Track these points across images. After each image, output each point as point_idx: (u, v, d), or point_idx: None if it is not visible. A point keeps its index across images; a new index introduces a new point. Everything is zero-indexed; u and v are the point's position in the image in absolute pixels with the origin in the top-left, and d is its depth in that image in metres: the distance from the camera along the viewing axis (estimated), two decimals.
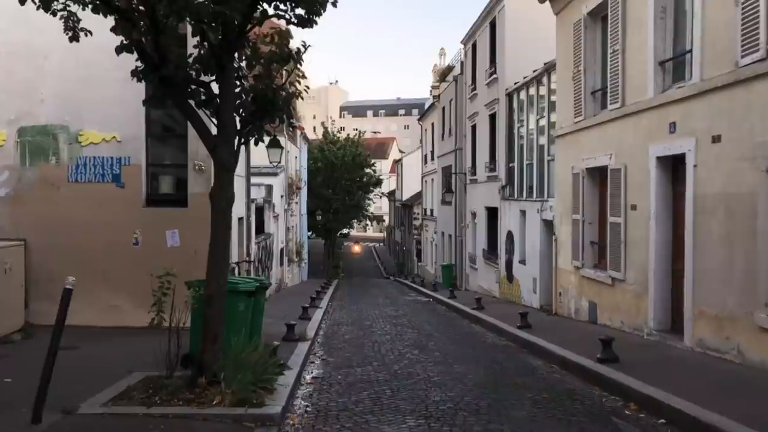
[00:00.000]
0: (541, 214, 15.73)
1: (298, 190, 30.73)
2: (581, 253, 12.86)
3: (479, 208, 22.92)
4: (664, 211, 9.77)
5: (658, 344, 9.46)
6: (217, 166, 6.53)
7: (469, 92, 24.74)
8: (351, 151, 43.70)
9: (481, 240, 22.58)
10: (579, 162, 12.96)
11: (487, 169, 21.55)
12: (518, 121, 18.52)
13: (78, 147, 11.71)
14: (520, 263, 17.48)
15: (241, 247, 15.24)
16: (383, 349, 10.67)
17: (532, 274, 16.25)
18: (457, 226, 27.37)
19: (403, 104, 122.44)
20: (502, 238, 19.36)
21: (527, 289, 16.74)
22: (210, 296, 6.61)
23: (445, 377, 8.19)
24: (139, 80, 6.51)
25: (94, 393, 6.50)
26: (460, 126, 26.97)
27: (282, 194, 25.19)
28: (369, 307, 19.15)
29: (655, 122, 9.83)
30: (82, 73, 11.52)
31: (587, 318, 12.59)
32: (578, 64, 12.98)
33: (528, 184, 17.40)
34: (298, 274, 31.43)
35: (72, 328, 11.28)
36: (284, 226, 25.96)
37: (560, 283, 14.22)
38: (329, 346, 11.11)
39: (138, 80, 6.53)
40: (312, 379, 8.26)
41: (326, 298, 21.06)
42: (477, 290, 22.98)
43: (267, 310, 16.19)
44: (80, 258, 11.42)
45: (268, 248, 20.26)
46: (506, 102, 19.41)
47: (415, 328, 13.45)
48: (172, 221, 11.82)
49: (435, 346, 10.95)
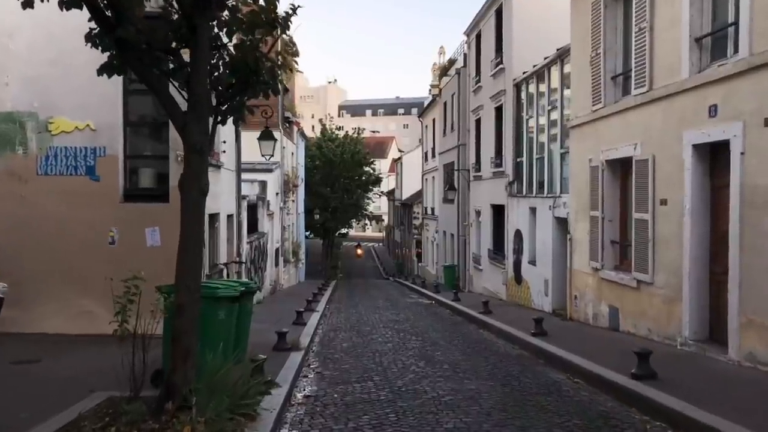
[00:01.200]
0: (554, 212, 14.65)
1: (295, 187, 29.64)
2: (600, 253, 11.78)
3: (484, 205, 21.84)
4: (701, 206, 8.68)
5: (697, 357, 8.38)
6: (188, 148, 5.44)
7: (473, 85, 23.66)
8: (350, 148, 42.60)
9: (486, 239, 21.50)
10: (598, 154, 11.88)
11: (492, 165, 20.48)
12: (527, 113, 17.44)
13: (48, 136, 10.63)
14: (529, 264, 16.41)
15: (231, 247, 14.16)
16: (385, 360, 9.59)
17: (544, 276, 15.18)
18: (459, 225, 26.28)
19: (402, 103, 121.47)
20: (510, 237, 18.29)
21: (538, 291, 15.66)
22: (180, 305, 5.52)
23: (458, 396, 7.11)
24: (95, 46, 5.41)
25: (37, 423, 5.40)
26: (463, 121, 25.90)
27: (277, 192, 24.10)
28: (368, 310, 18.07)
29: (690, 106, 8.76)
30: (52, 54, 10.43)
31: (608, 324, 11.51)
32: (597, 47, 11.90)
33: (538, 179, 16.33)
34: (294, 274, 30.33)
35: (39, 336, 10.33)
36: (280, 225, 24.87)
37: (576, 286, 13.14)
38: (325, 356, 10.02)
39: (93, 46, 5.43)
40: (304, 399, 7.18)
41: (323, 300, 19.98)
42: (482, 292, 21.90)
43: (259, 314, 15.12)
44: (50, 259, 10.37)
45: (261, 248, 19.17)
46: (514, 93, 18.33)
47: (419, 335, 12.36)
48: (152, 218, 10.78)
49: (442, 356, 9.86)
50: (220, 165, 12.75)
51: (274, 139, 14.00)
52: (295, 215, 31.11)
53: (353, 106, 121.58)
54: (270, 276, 21.52)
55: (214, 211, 12.40)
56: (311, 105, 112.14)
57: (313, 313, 15.62)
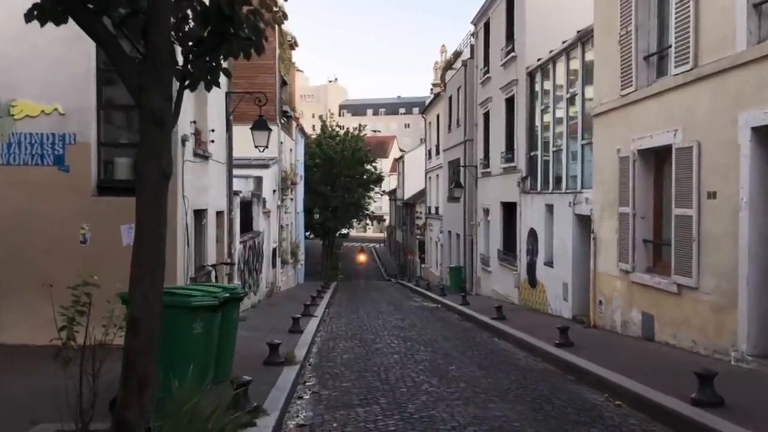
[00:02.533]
0: (574, 208, 13.41)
1: (294, 185, 28.40)
2: (631, 253, 10.55)
3: (493, 203, 20.61)
4: (761, 199, 7.45)
5: (762, 376, 7.14)
6: (145, 117, 4.22)
7: (481, 76, 22.43)
8: (351, 145, 41.32)
9: (496, 239, 20.27)
10: (628, 143, 10.65)
11: (502, 160, 19.25)
12: (542, 103, 16.21)
13: (10, 121, 9.42)
14: (545, 265, 15.17)
15: (221, 247, 12.93)
16: (392, 376, 8.36)
17: (562, 279, 13.94)
18: (466, 225, 25.05)
19: (404, 103, 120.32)
20: (523, 236, 17.06)
21: (555, 295, 14.43)
22: (134, 320, 4.30)
23: (483, 428, 5.88)
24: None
25: None
26: (470, 115, 24.67)
27: (274, 189, 22.88)
28: (371, 315, 16.84)
29: (748, 83, 7.53)
30: (15, 29, 9.19)
31: (640, 333, 10.29)
32: (627, 24, 10.67)
33: (555, 174, 15.10)
34: (293, 276, 29.10)
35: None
36: (277, 224, 23.64)
37: (600, 290, 11.91)
38: (323, 371, 8.80)
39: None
40: (297, 429, 5.95)
41: (323, 304, 18.76)
42: (491, 295, 20.68)
43: (252, 320, 13.89)
44: (12, 259, 9.17)
45: (257, 248, 17.94)
46: (527, 82, 17.10)
47: (428, 345, 11.14)
48: (129, 214, 9.56)
49: (458, 372, 8.63)
50: (208, 156, 11.53)
51: (269, 129, 12.78)
52: (293, 214, 29.89)
53: (354, 106, 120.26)
54: (266, 278, 20.30)
55: (201, 207, 11.19)
56: (311, 104, 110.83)
57: (311, 319, 14.42)
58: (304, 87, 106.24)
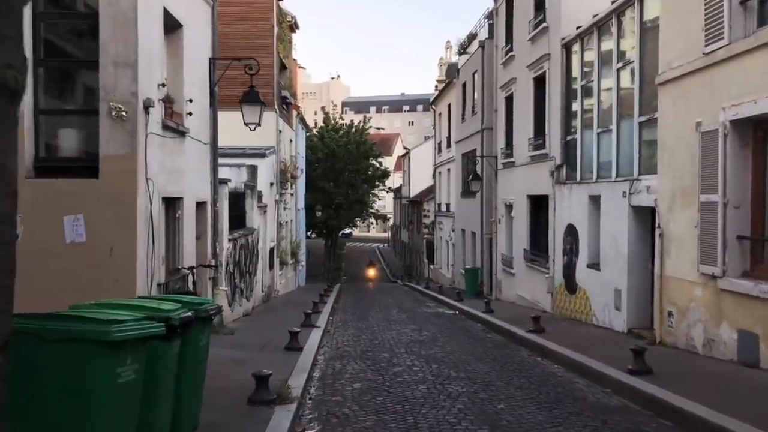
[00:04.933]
0: (630, 199, 11.11)
1: (294, 179, 26.12)
2: (720, 253, 8.25)
3: (518, 197, 18.31)
4: None
5: None
6: None
7: (502, 57, 20.13)
8: (355, 138, 38.97)
9: (521, 237, 17.96)
10: (715, 113, 8.37)
11: (530, 148, 16.95)
12: (583, 77, 13.89)
13: None
14: (589, 268, 12.87)
15: (202, 245, 10.66)
16: (423, 421, 6.10)
17: (613, 284, 11.64)
18: (483, 222, 22.76)
19: (408, 100, 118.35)
20: (558, 234, 14.76)
21: (604, 304, 12.12)
22: None
23: None
24: None
25: None
26: (489, 100, 22.38)
27: (272, 182, 20.60)
28: (381, 324, 14.58)
29: None
30: None
31: (735, 356, 8.00)
32: None
33: (602, 159, 12.79)
34: (293, 278, 26.84)
35: None
36: (275, 221, 21.37)
37: (670, 299, 9.61)
38: (328, 410, 6.54)
39: None
40: None
41: (326, 310, 16.51)
42: (515, 300, 18.39)
43: (243, 332, 11.61)
44: None
45: (250, 247, 15.68)
46: (563, 56, 14.79)
47: (459, 368, 8.86)
48: (74, 201, 7.42)
49: (511, 414, 6.35)
50: (184, 131, 9.27)
51: (261, 103, 10.51)
52: (294, 211, 27.62)
53: (357, 103, 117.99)
54: (262, 281, 18.04)
55: (175, 195, 8.93)
56: (313, 101, 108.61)
57: (313, 331, 12.20)
58: (306, 84, 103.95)
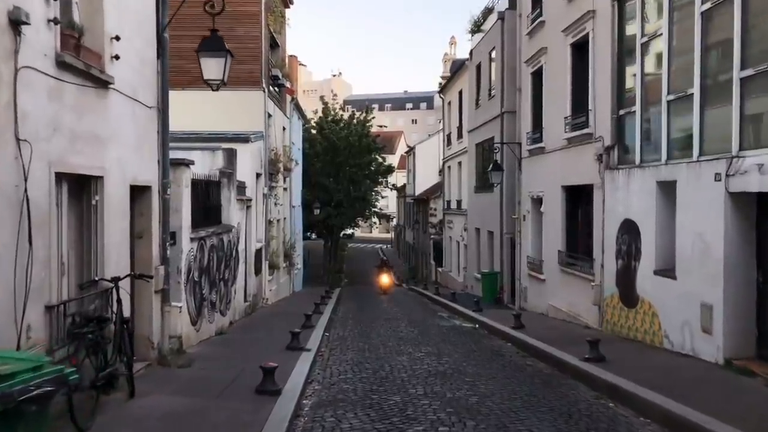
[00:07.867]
0: (728, 183, 8.19)
1: (288, 171, 23.22)
2: None
3: (549, 189, 15.41)
4: None
5: None
6: None
7: (528, 25, 17.23)
8: (357, 130, 36.03)
9: (554, 236, 15.06)
10: None
11: (567, 128, 14.06)
12: (643, 35, 10.96)
13: None
14: (658, 275, 9.94)
15: (145, 245, 7.75)
16: None
17: (699, 297, 8.72)
18: (504, 219, 19.89)
19: (411, 98, 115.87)
20: (609, 232, 11.83)
21: (682, 323, 9.19)
22: None
23: None
24: None
25: None
26: (510, 79, 19.49)
27: (259, 172, 17.69)
28: (389, 345, 11.70)
29: None
30: None
31: None
32: None
33: (674, 134, 9.88)
34: (287, 283, 23.94)
35: None
36: (264, 219, 18.47)
37: None
38: None
39: None
40: None
41: (321, 323, 13.70)
42: (546, 311, 15.49)
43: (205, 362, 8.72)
44: None
45: (227, 249, 12.77)
46: (614, 11, 11.89)
47: (509, 427, 5.96)
48: None
49: None
50: (107, 81, 6.37)
51: (226, 52, 7.63)
52: (288, 208, 24.71)
53: (359, 101, 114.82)
54: (246, 289, 15.15)
55: (86, 172, 6.03)
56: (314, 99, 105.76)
57: (301, 356, 9.42)
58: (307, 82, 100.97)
